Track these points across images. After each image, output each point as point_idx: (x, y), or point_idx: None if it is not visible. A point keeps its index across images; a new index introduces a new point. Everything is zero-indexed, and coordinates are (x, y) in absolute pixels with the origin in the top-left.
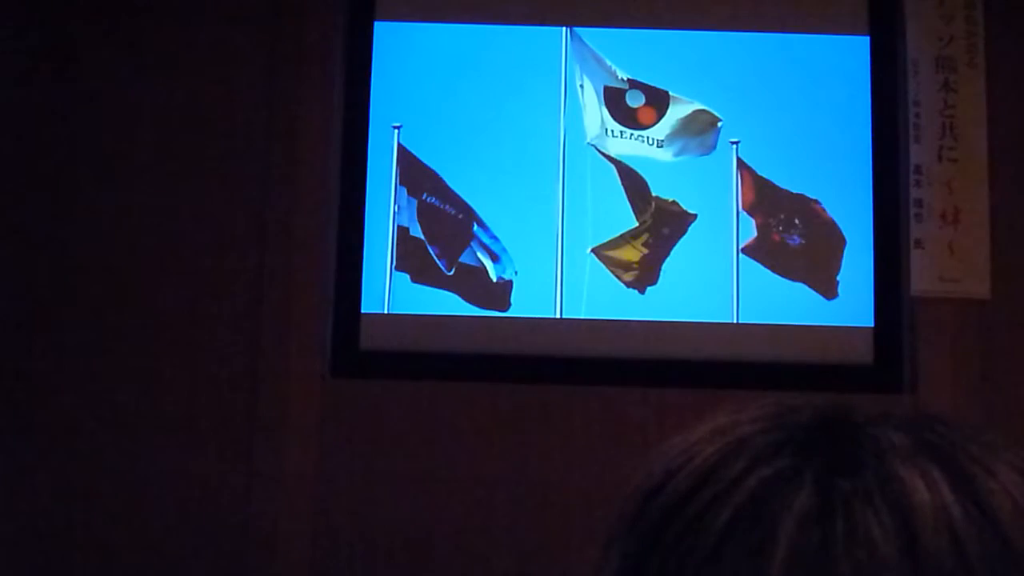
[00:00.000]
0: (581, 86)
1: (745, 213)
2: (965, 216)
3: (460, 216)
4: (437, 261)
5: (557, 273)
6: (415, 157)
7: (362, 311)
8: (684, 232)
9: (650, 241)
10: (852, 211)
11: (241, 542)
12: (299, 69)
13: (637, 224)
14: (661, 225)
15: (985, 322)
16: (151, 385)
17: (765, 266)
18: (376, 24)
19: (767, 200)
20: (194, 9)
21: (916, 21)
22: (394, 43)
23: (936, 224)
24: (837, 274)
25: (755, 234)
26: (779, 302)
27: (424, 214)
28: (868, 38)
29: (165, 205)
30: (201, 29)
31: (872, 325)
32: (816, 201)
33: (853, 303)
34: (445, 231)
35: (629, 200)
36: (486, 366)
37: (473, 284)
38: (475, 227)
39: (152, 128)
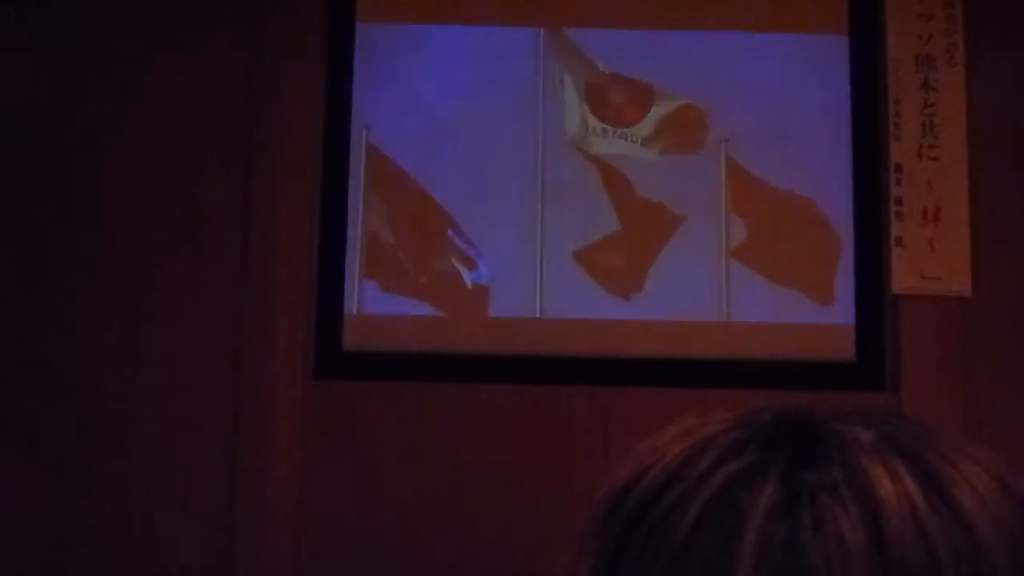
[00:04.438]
0: (561, 81)
1: (735, 215)
2: (946, 214)
3: (434, 220)
4: (409, 267)
5: (536, 279)
6: (388, 159)
7: (344, 312)
8: (671, 235)
9: (635, 245)
10: (835, 209)
11: (226, 544)
12: (281, 70)
13: (620, 227)
14: (646, 228)
15: (967, 319)
16: (133, 388)
17: (755, 270)
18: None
19: (756, 200)
20: (175, 10)
21: (896, 19)
22: (366, 44)
23: (917, 222)
24: (833, 277)
25: (745, 236)
26: (765, 302)
27: (396, 218)
28: (848, 37)
29: (145, 207)
30: (182, 29)
31: (854, 322)
32: (812, 200)
33: (836, 301)
34: (417, 236)
35: (612, 202)
36: (469, 367)
37: (447, 291)
38: (449, 232)
39: (132, 128)
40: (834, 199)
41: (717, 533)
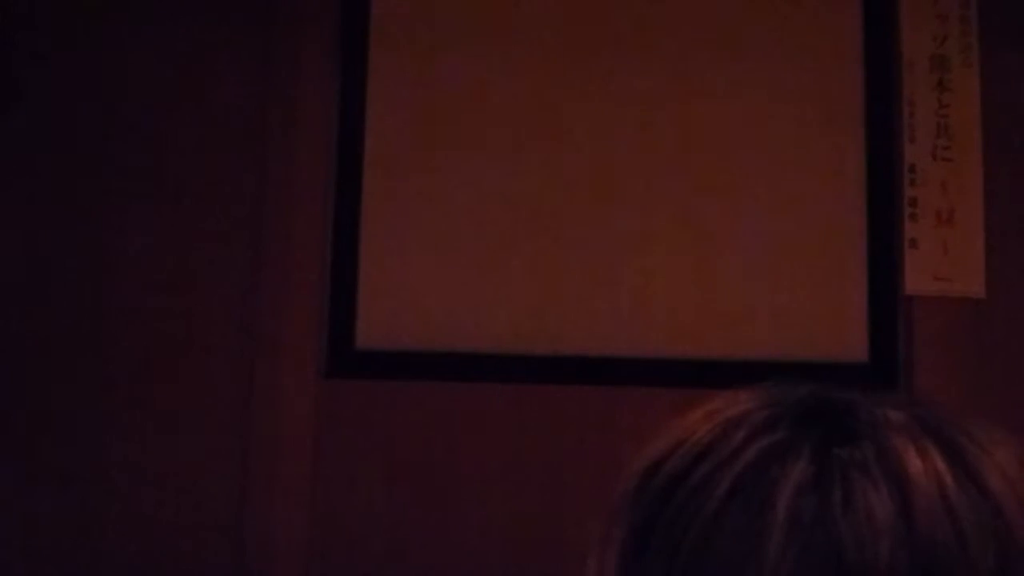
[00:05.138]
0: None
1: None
2: (960, 215)
3: None
4: None
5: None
6: None
7: (358, 310)
8: None
9: None
10: (848, 210)
11: (237, 543)
12: (296, 68)
13: None
14: None
15: (980, 321)
16: (143, 386)
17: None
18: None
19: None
20: (186, 8)
21: (910, 20)
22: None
23: (930, 223)
24: (846, 278)
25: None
26: (776, 301)
27: None
28: (862, 37)
29: (156, 203)
30: (194, 27)
31: (867, 324)
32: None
33: (848, 302)
34: None
35: None
36: (485, 366)
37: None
38: None
39: (142, 127)
40: (847, 200)
41: (748, 506)
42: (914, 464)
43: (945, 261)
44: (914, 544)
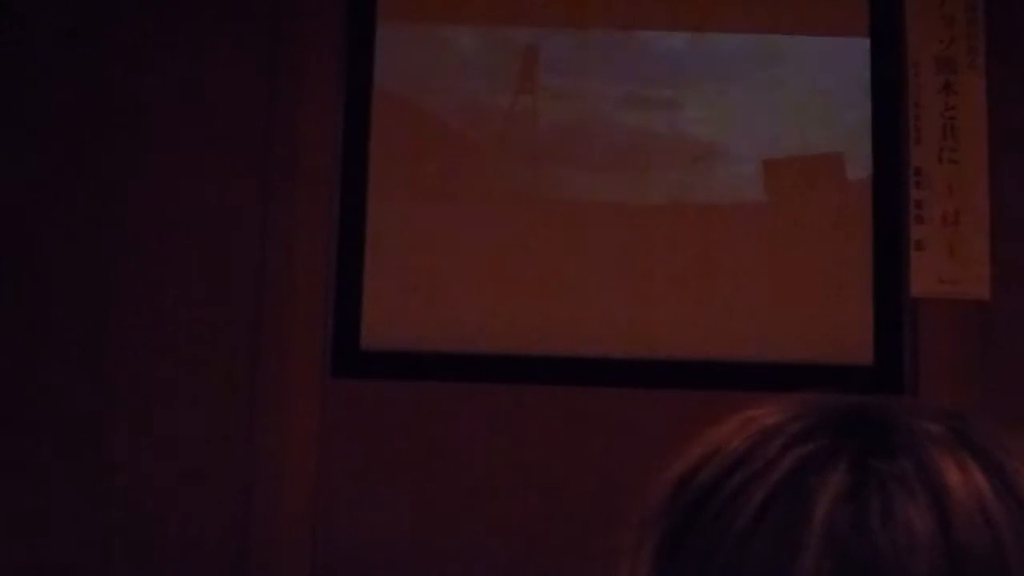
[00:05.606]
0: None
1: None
2: (965, 218)
3: None
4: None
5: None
6: None
7: (363, 311)
8: None
9: None
10: (854, 211)
11: (242, 541)
12: (301, 66)
13: None
14: None
15: (985, 324)
16: (150, 386)
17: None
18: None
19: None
20: (193, 6)
21: (917, 22)
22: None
23: (936, 226)
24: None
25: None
26: (782, 304)
27: None
28: (868, 40)
29: (164, 202)
30: (200, 26)
31: (872, 326)
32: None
33: (853, 304)
34: None
35: None
36: (488, 366)
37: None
38: None
39: (151, 125)
40: (853, 202)
41: (785, 514)
42: (953, 477)
43: (951, 263)
44: (952, 557)
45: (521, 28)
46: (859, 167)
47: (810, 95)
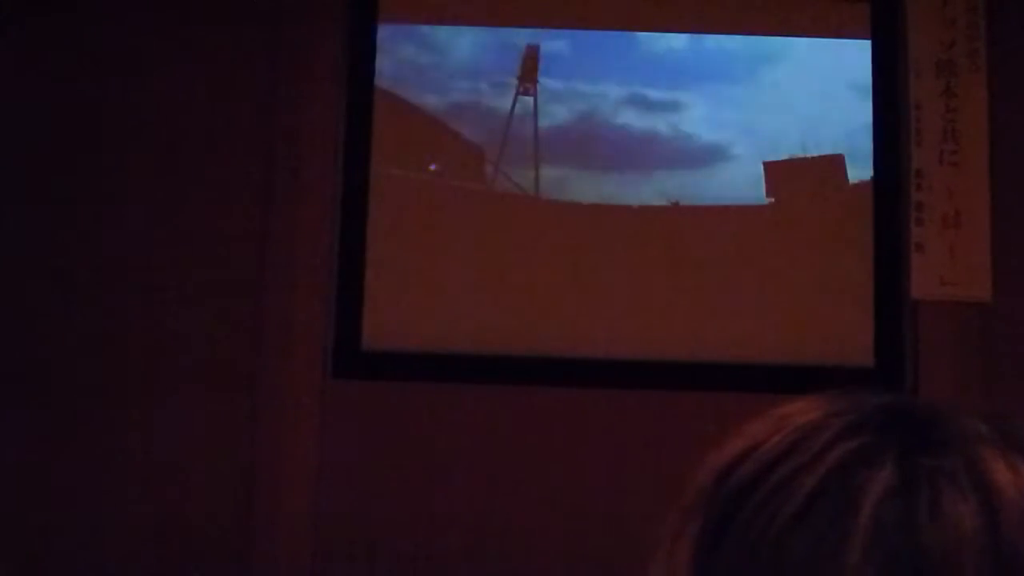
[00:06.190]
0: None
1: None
2: (966, 220)
3: None
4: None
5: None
6: None
7: (364, 312)
8: None
9: None
10: (855, 213)
11: (243, 542)
12: (302, 70)
13: None
14: None
15: (986, 325)
16: (153, 386)
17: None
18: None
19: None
20: (196, 9)
21: (918, 25)
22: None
23: (937, 228)
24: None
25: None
26: (783, 306)
27: None
28: (870, 42)
29: (166, 205)
30: (203, 29)
31: (873, 328)
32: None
33: (854, 306)
34: None
35: None
36: (488, 367)
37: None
38: None
39: (153, 127)
40: (854, 203)
41: (832, 507)
42: (1003, 476)
43: (952, 265)
44: (999, 555)
45: (521, 28)
46: (860, 169)
47: (811, 97)
